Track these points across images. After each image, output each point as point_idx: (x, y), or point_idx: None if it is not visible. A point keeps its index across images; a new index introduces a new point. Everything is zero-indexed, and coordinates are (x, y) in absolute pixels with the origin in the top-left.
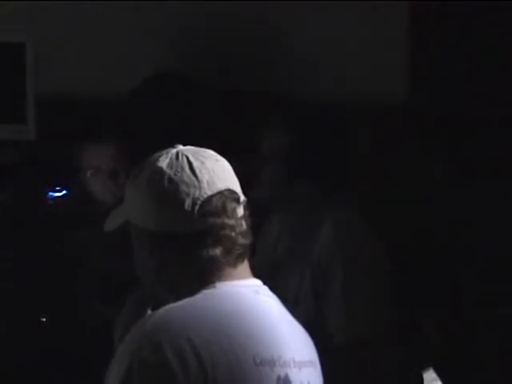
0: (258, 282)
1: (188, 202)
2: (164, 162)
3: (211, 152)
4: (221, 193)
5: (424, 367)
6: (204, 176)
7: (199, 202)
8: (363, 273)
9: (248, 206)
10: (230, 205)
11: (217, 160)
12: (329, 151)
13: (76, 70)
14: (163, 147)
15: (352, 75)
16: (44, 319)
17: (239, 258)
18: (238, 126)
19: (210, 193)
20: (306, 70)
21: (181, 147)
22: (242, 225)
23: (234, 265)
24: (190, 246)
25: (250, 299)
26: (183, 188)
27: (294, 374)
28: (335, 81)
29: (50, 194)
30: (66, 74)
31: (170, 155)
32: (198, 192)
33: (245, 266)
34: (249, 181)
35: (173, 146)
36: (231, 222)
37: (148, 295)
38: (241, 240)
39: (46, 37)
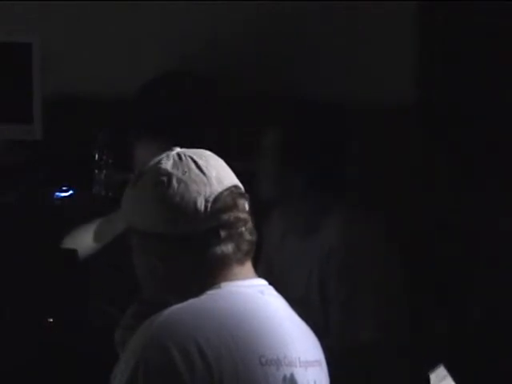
0: (263, 282)
1: (200, 200)
2: (167, 163)
3: (208, 152)
4: (229, 189)
5: (433, 365)
6: (211, 173)
7: (211, 199)
8: (373, 272)
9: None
10: (240, 200)
11: (217, 159)
12: (332, 150)
13: (79, 71)
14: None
15: (359, 75)
16: (51, 320)
17: (247, 256)
18: (239, 124)
19: (220, 189)
20: (312, 69)
21: (178, 149)
22: (250, 220)
23: (241, 262)
24: (203, 245)
25: (255, 299)
26: (193, 187)
27: (299, 373)
28: (341, 80)
29: (57, 194)
30: (71, 74)
31: (171, 157)
32: (208, 189)
33: (249, 266)
34: (252, 179)
35: (170, 149)
36: (244, 215)
37: (146, 308)
38: (248, 236)
39: (50, 37)
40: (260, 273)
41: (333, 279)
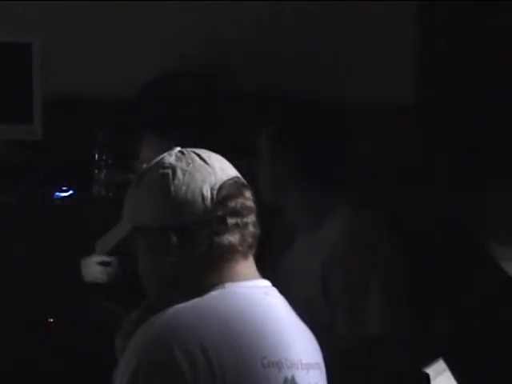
0: (266, 283)
1: (206, 188)
2: (170, 158)
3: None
4: (233, 178)
5: (433, 359)
6: (215, 164)
7: (217, 187)
8: (376, 272)
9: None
10: (244, 189)
11: (217, 155)
12: (332, 150)
13: (79, 71)
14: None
15: (359, 75)
16: (51, 320)
17: (250, 249)
18: (238, 126)
19: (224, 178)
20: (312, 69)
21: (179, 148)
22: (255, 212)
23: (245, 256)
24: (210, 234)
25: (259, 301)
26: (198, 176)
27: (301, 376)
28: (341, 80)
29: (57, 194)
30: (71, 74)
31: (173, 153)
32: (213, 178)
33: (253, 265)
34: (255, 181)
35: (171, 149)
36: (250, 204)
37: (149, 314)
38: (252, 228)
39: (50, 37)
40: (265, 273)
41: (336, 279)
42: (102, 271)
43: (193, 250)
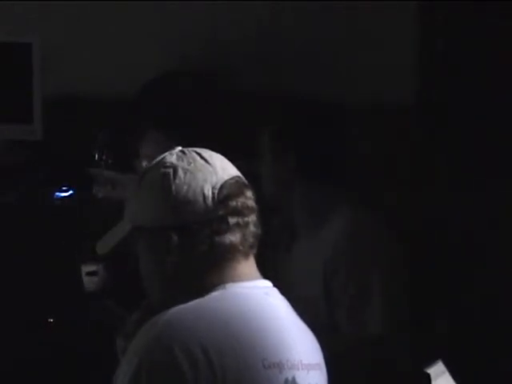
0: (267, 284)
1: (207, 188)
2: (172, 158)
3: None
4: (234, 178)
5: (433, 360)
6: (216, 163)
7: (218, 187)
8: (375, 271)
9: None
10: (246, 189)
11: (218, 155)
12: (332, 150)
13: (79, 71)
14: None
15: (359, 75)
16: (51, 320)
17: (251, 249)
18: (238, 126)
19: (225, 177)
20: (311, 70)
21: (180, 147)
22: (256, 212)
23: (246, 255)
24: (212, 234)
25: (260, 301)
26: (199, 175)
27: (301, 376)
28: (341, 81)
29: (57, 194)
30: (71, 74)
31: (174, 153)
32: (214, 177)
33: (254, 265)
34: (255, 181)
35: (172, 149)
36: (251, 203)
37: (149, 315)
38: (253, 228)
39: (50, 37)
40: (266, 273)
41: (336, 279)
42: (89, 281)
43: (193, 249)
